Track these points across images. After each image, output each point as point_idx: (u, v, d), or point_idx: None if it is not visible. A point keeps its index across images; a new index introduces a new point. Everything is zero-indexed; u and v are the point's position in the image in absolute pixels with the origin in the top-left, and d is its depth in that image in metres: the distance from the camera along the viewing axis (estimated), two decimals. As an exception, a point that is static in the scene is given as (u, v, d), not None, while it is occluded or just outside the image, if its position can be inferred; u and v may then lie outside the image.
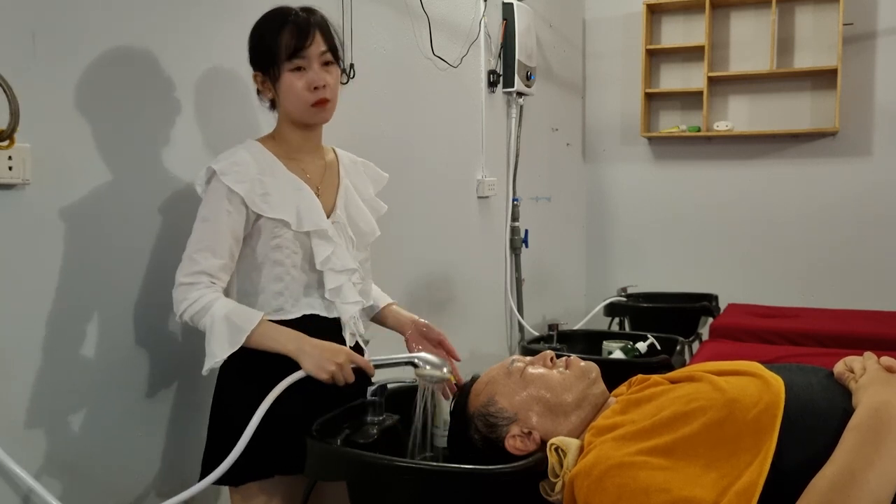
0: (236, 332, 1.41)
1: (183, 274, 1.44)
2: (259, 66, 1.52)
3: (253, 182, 1.47)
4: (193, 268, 1.44)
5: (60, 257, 1.47)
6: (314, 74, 1.48)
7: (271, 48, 1.47)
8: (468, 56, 2.99)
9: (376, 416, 1.46)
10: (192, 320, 1.44)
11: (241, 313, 1.43)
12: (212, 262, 1.44)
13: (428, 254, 2.79)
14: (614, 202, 4.45)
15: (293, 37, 1.46)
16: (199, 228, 1.47)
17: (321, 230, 1.52)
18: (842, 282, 3.91)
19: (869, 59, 3.83)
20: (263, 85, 1.53)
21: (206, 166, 1.49)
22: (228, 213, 1.45)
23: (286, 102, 1.51)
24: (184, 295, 1.43)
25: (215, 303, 1.42)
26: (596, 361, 1.38)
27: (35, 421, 1.44)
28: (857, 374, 1.12)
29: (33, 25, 1.40)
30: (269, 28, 1.49)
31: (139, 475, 1.66)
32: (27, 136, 1.37)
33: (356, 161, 1.72)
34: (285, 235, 1.49)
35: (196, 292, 1.43)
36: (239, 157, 1.49)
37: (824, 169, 3.96)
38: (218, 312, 1.41)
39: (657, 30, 4.24)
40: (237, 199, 1.45)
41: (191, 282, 1.44)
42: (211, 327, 1.41)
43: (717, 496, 0.97)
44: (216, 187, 1.46)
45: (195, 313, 1.42)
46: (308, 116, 1.53)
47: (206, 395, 1.80)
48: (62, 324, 1.48)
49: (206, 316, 1.42)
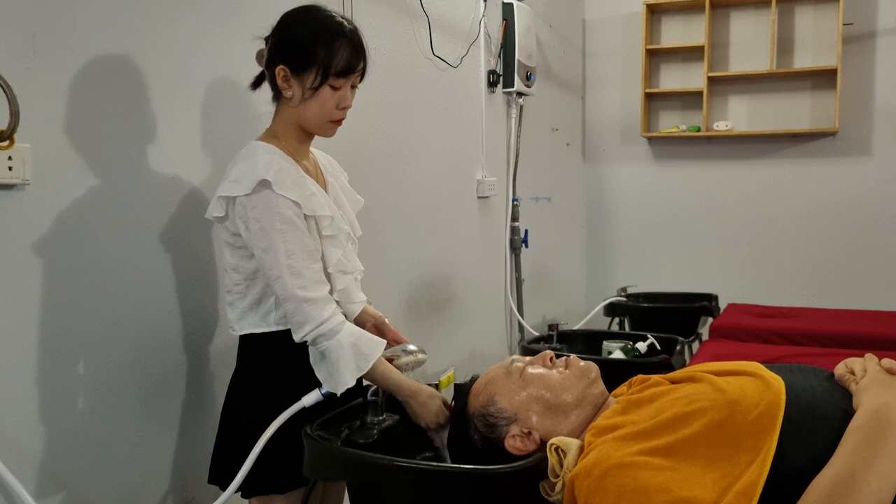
0: (363, 359, 1.42)
1: (297, 287, 1.39)
2: (293, 65, 1.45)
3: (299, 185, 1.44)
4: (302, 280, 1.39)
5: (60, 257, 1.47)
6: (347, 95, 1.49)
7: (324, 58, 1.44)
8: (468, 56, 2.99)
9: (376, 416, 1.46)
10: (313, 341, 1.42)
11: (367, 341, 1.44)
12: (316, 269, 1.43)
13: (428, 254, 2.79)
14: (614, 202, 4.45)
15: (349, 56, 1.45)
16: (283, 239, 1.39)
17: (340, 231, 1.52)
18: (842, 282, 3.92)
19: (869, 59, 3.83)
20: (286, 81, 1.47)
21: (248, 175, 1.40)
22: (300, 218, 1.42)
23: (309, 109, 1.48)
24: (312, 313, 1.40)
25: (343, 329, 1.41)
26: (596, 361, 1.38)
27: (35, 421, 1.44)
28: (858, 376, 1.12)
29: (33, 25, 1.40)
30: (324, 36, 1.44)
31: (139, 476, 1.66)
32: (27, 136, 1.37)
33: (329, 158, 1.71)
34: (317, 240, 1.48)
35: (325, 312, 1.40)
36: (279, 164, 1.43)
37: (824, 169, 3.96)
38: (346, 339, 1.41)
39: (657, 30, 4.24)
40: (296, 205, 1.42)
41: (312, 297, 1.40)
42: (339, 353, 1.40)
43: (717, 496, 0.97)
44: (272, 198, 1.39)
45: (321, 335, 1.40)
46: (322, 129, 1.53)
47: (207, 398, 1.81)
48: (62, 324, 1.48)
49: (332, 339, 1.40)
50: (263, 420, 1.45)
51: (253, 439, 1.43)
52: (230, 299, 1.54)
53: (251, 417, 1.49)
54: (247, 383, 1.54)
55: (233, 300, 1.53)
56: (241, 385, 1.55)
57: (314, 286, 1.41)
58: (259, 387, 1.51)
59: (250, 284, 1.49)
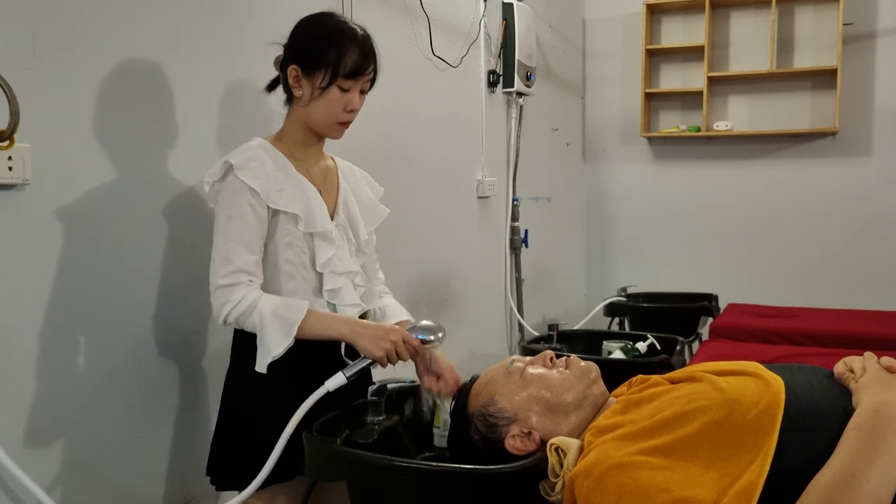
0: (287, 325, 1.41)
1: (220, 275, 1.42)
2: (304, 65, 1.49)
3: (269, 178, 1.47)
4: (229, 267, 1.41)
5: (60, 258, 1.47)
6: (354, 98, 1.52)
7: (333, 59, 1.47)
8: (468, 56, 2.99)
9: (376, 417, 1.46)
10: (237, 322, 1.42)
11: (288, 306, 1.43)
12: (247, 259, 1.43)
13: (428, 254, 2.79)
14: (614, 202, 4.45)
15: (359, 58, 1.49)
16: (226, 226, 1.44)
17: (325, 232, 1.53)
18: (842, 282, 3.92)
19: (869, 59, 3.83)
20: (297, 81, 1.50)
21: (222, 160, 1.46)
22: (252, 208, 1.44)
23: (317, 110, 1.51)
24: (225, 297, 1.41)
25: (260, 300, 1.41)
26: (596, 361, 1.37)
27: (34, 422, 1.44)
28: (857, 374, 1.12)
29: (33, 25, 1.40)
30: (335, 38, 1.48)
31: (139, 476, 1.66)
32: (27, 136, 1.37)
33: (354, 169, 1.73)
34: (295, 234, 1.49)
35: (237, 293, 1.41)
36: (253, 153, 1.48)
37: (824, 169, 3.96)
38: (265, 309, 1.41)
39: (657, 30, 4.24)
40: (256, 194, 1.44)
41: (230, 283, 1.41)
42: (261, 324, 1.40)
43: (717, 496, 0.97)
44: (233, 183, 1.44)
45: (240, 314, 1.41)
46: (329, 131, 1.56)
47: (207, 396, 1.81)
48: (62, 324, 1.48)
49: (253, 314, 1.40)
50: (261, 414, 1.45)
51: (251, 434, 1.43)
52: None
53: (249, 413, 1.50)
54: (242, 378, 1.54)
55: None
56: (236, 380, 1.56)
57: (237, 274, 1.42)
58: (254, 381, 1.51)
59: None
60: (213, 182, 1.48)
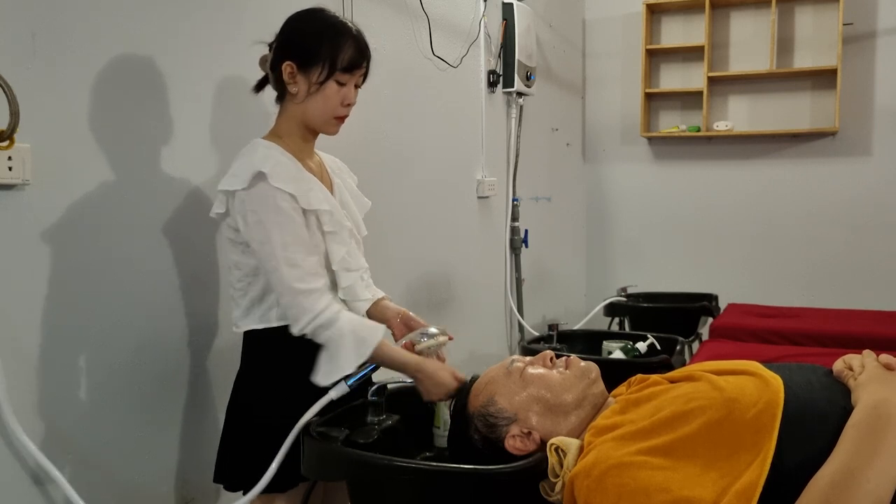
0: (363, 345, 1.42)
1: (294, 280, 1.40)
2: (300, 61, 1.48)
3: (296, 180, 1.46)
4: (299, 271, 1.40)
5: (60, 258, 1.47)
6: (350, 92, 1.52)
7: (329, 53, 1.47)
8: (468, 56, 2.99)
9: (376, 417, 1.46)
10: (313, 333, 1.42)
11: (366, 327, 1.45)
12: (311, 261, 1.43)
13: (428, 254, 2.79)
14: (614, 202, 4.45)
15: (354, 53, 1.49)
16: (280, 232, 1.41)
17: (342, 228, 1.53)
18: (842, 282, 3.91)
19: (869, 59, 3.82)
20: (292, 77, 1.50)
21: (248, 170, 1.42)
22: (296, 211, 1.44)
23: (314, 105, 1.51)
24: (304, 306, 1.40)
25: (340, 316, 1.42)
26: (596, 361, 1.38)
27: (35, 421, 1.44)
28: (856, 372, 1.12)
29: (33, 25, 1.40)
30: (330, 33, 1.49)
31: (140, 476, 1.66)
32: (27, 136, 1.37)
33: (336, 161, 1.73)
34: (318, 234, 1.49)
35: (318, 303, 1.40)
36: (276, 158, 1.46)
37: (824, 169, 3.95)
38: (345, 326, 1.41)
39: (657, 30, 4.24)
40: (294, 199, 1.43)
41: (308, 288, 1.40)
42: (339, 341, 1.40)
43: (717, 496, 0.97)
44: (267, 190, 1.41)
45: (319, 326, 1.40)
46: (325, 126, 1.55)
47: (208, 398, 1.81)
48: (62, 324, 1.48)
49: (331, 328, 1.40)
50: (274, 416, 1.46)
51: (264, 436, 1.43)
52: (234, 296, 1.54)
53: (261, 414, 1.50)
54: (254, 380, 1.54)
55: (236, 297, 1.53)
56: (247, 382, 1.55)
57: (311, 278, 1.41)
58: (266, 383, 1.52)
59: (252, 281, 1.49)
60: (237, 190, 1.43)
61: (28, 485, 1.42)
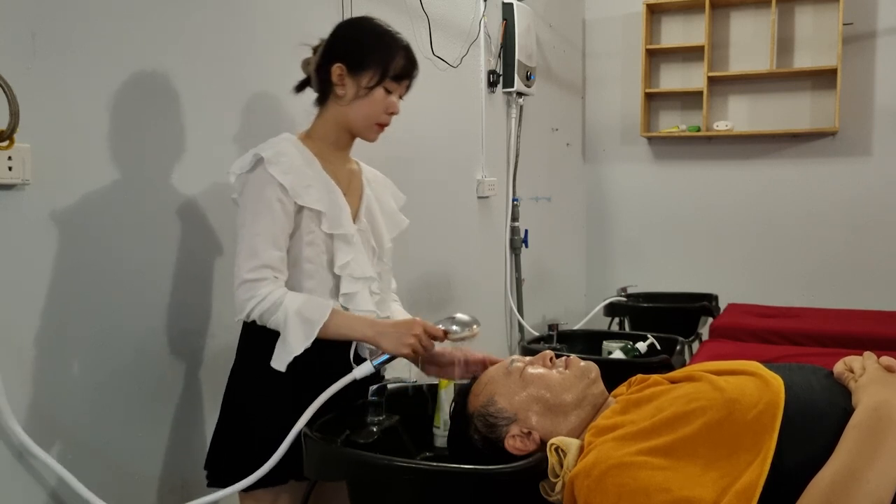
0: (310, 325, 1.40)
1: (246, 269, 1.41)
2: (351, 64, 1.51)
3: (297, 173, 1.47)
4: (255, 262, 1.41)
5: (60, 258, 1.47)
6: (396, 101, 1.56)
7: (382, 60, 1.50)
8: (468, 56, 2.99)
9: (376, 417, 1.46)
10: (260, 318, 1.42)
11: (312, 306, 1.43)
12: (273, 255, 1.43)
13: (428, 254, 2.79)
14: (614, 202, 4.45)
15: (406, 63, 1.53)
16: (253, 220, 1.43)
17: (346, 234, 1.52)
18: (842, 282, 3.91)
19: (869, 59, 3.82)
20: (341, 79, 1.51)
21: (252, 153, 1.46)
22: (280, 203, 1.44)
23: (359, 109, 1.53)
24: (250, 292, 1.40)
25: (285, 298, 1.41)
26: (596, 361, 1.37)
27: (34, 421, 1.44)
28: (857, 374, 1.12)
29: (33, 25, 1.40)
30: (385, 41, 1.53)
31: (138, 476, 1.66)
32: (27, 136, 1.37)
33: (378, 175, 1.74)
34: (317, 233, 1.49)
35: (263, 289, 1.40)
36: (283, 147, 1.48)
37: (824, 169, 3.95)
38: (290, 307, 1.40)
39: (657, 30, 4.24)
40: (284, 190, 1.44)
41: (256, 278, 1.41)
42: (285, 323, 1.40)
43: (717, 496, 0.97)
44: (262, 176, 1.44)
45: (265, 311, 1.40)
46: (366, 132, 1.58)
47: (206, 398, 1.81)
48: (62, 324, 1.48)
49: (277, 312, 1.40)
50: (261, 413, 1.45)
51: (250, 432, 1.43)
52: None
53: (250, 410, 1.49)
54: (246, 376, 1.54)
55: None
56: (240, 377, 1.55)
57: (263, 270, 1.41)
58: (258, 380, 1.51)
59: None
60: (241, 173, 1.47)
61: (29, 484, 1.42)
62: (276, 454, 1.37)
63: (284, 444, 1.37)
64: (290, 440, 1.37)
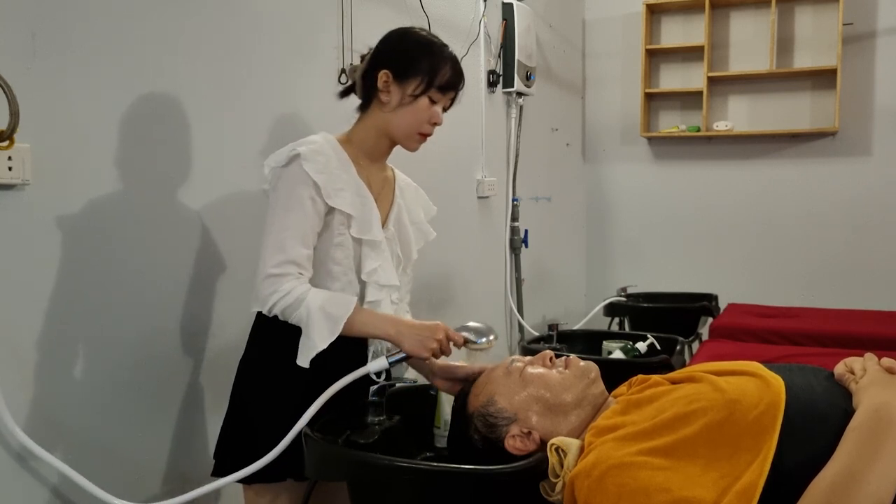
0: (334, 321, 1.40)
1: (271, 264, 1.40)
2: (397, 71, 1.51)
3: (331, 174, 1.47)
4: (281, 257, 1.40)
5: (61, 258, 1.47)
6: (439, 112, 1.55)
7: (429, 69, 1.50)
8: (468, 56, 2.99)
9: (377, 417, 1.46)
10: (282, 313, 1.41)
11: (336, 301, 1.42)
12: (300, 252, 1.42)
13: (428, 254, 2.77)
14: (614, 202, 4.45)
15: (453, 74, 1.54)
16: (284, 215, 1.43)
17: (374, 240, 1.52)
18: (842, 282, 3.91)
19: (869, 59, 3.83)
20: (387, 86, 1.52)
21: (289, 147, 1.46)
22: (312, 201, 1.44)
23: (403, 117, 1.53)
24: (273, 287, 1.40)
25: (308, 294, 1.41)
26: (596, 361, 1.37)
27: (35, 421, 1.44)
28: (858, 376, 1.12)
29: (33, 25, 1.40)
30: (433, 51, 1.53)
31: (139, 475, 1.66)
32: (27, 136, 1.37)
33: (411, 184, 1.74)
34: (346, 236, 1.49)
35: (287, 284, 1.40)
36: (320, 147, 1.48)
37: (824, 169, 3.96)
38: (313, 303, 1.40)
39: (657, 30, 4.24)
40: (317, 188, 1.44)
41: (280, 273, 1.40)
42: (308, 319, 1.40)
43: (717, 496, 0.97)
44: (297, 172, 1.43)
45: (287, 306, 1.40)
46: (408, 140, 1.58)
47: (207, 397, 1.81)
48: (63, 324, 1.48)
49: (300, 308, 1.40)
50: (268, 407, 1.46)
51: (255, 425, 1.43)
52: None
53: (257, 403, 1.49)
54: (255, 369, 1.53)
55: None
56: (250, 366, 1.54)
57: (288, 265, 1.41)
58: (267, 373, 1.51)
59: None
60: (276, 167, 1.47)
61: (29, 484, 1.42)
62: (278, 447, 1.37)
63: (290, 436, 1.37)
64: (296, 431, 1.37)
